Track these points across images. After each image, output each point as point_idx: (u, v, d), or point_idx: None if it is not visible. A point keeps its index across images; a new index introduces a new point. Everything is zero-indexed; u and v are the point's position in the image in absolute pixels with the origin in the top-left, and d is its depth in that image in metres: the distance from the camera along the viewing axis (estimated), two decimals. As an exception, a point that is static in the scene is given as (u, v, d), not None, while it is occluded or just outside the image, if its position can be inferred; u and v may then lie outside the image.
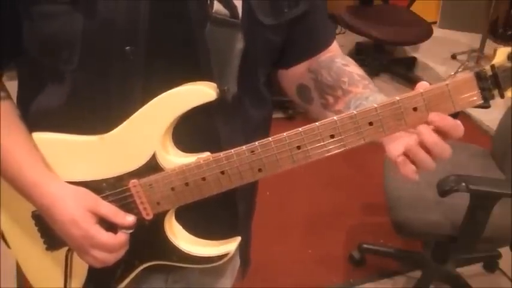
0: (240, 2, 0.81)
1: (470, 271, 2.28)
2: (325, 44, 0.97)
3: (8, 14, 0.80)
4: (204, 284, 1.07)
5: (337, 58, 0.95)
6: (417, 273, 2.19)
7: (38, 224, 0.90)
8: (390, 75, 3.78)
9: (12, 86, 0.89)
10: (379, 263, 2.29)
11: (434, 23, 4.33)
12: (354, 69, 0.93)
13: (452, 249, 2.02)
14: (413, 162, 0.76)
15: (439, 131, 0.73)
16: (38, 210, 0.86)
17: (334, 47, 0.99)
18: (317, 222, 2.53)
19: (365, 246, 2.28)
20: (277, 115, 3.20)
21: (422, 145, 0.74)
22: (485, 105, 0.73)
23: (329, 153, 0.77)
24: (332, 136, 0.76)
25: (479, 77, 0.71)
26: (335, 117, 0.75)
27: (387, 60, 3.91)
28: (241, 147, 0.79)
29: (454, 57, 4.05)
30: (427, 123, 0.73)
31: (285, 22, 0.89)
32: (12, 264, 1.01)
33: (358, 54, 3.96)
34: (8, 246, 0.98)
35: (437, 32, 4.00)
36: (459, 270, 2.18)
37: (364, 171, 2.78)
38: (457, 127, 0.73)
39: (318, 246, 2.38)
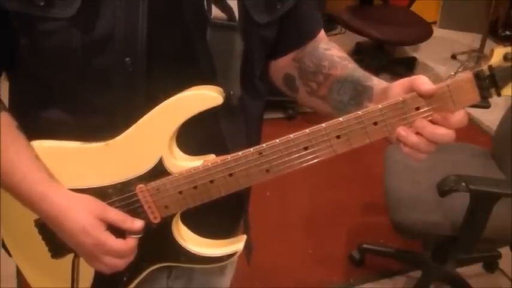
0: (235, 3, 0.80)
1: (470, 271, 2.28)
2: (312, 34, 0.98)
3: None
4: (206, 278, 1.08)
5: (320, 44, 0.96)
6: (417, 273, 2.19)
7: (42, 232, 0.89)
8: (390, 75, 3.77)
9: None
10: (379, 263, 2.29)
11: (434, 23, 4.33)
12: (334, 52, 0.94)
13: (452, 249, 2.02)
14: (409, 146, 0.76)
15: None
16: (44, 220, 0.85)
17: (321, 34, 0.99)
18: (317, 222, 2.53)
19: (365, 246, 2.28)
20: (277, 115, 3.20)
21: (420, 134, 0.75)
22: (485, 105, 0.74)
23: (336, 153, 0.78)
24: (338, 137, 0.77)
25: (478, 77, 0.73)
26: (341, 118, 0.76)
27: (387, 60, 3.90)
28: (249, 149, 0.79)
29: (454, 57, 4.05)
30: (431, 122, 0.75)
31: (278, 17, 0.89)
32: (13, 267, 1.00)
33: (358, 54, 3.96)
34: (9, 255, 0.97)
35: (437, 32, 4.00)
36: (459, 270, 2.18)
37: (364, 171, 2.78)
38: (461, 122, 0.74)
39: (318, 246, 2.38)
